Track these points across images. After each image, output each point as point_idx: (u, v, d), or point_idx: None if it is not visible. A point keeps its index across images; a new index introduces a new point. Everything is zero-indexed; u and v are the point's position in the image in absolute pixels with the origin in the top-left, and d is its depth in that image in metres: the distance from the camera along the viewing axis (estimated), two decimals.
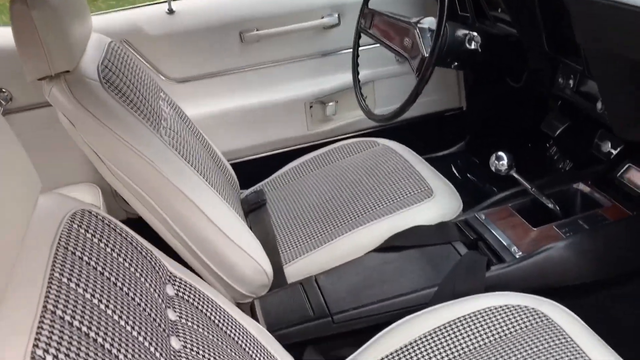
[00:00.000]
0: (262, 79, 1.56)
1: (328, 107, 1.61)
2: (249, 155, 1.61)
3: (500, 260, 1.05)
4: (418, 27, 1.14)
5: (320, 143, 1.61)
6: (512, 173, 1.13)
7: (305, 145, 1.63)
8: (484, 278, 1.00)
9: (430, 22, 1.14)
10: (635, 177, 1.14)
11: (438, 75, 1.66)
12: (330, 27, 1.56)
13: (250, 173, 1.48)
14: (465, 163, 1.76)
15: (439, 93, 1.74)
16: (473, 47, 1.19)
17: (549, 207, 1.14)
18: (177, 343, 0.60)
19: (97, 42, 1.05)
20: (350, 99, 1.60)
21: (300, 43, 1.56)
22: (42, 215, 0.58)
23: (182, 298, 0.69)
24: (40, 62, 0.85)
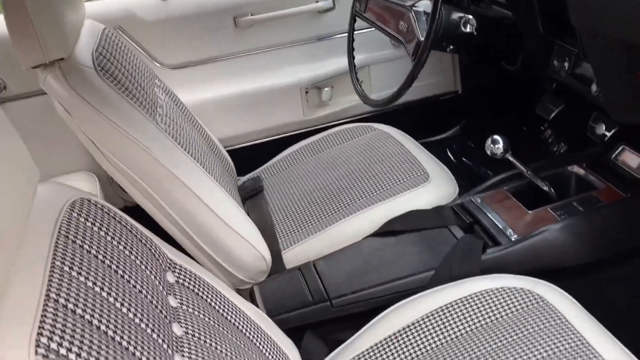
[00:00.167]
0: (257, 65, 1.55)
1: (324, 92, 1.60)
2: (245, 142, 1.60)
3: (496, 243, 1.06)
4: (413, 10, 1.14)
5: (317, 129, 1.61)
6: (507, 156, 1.14)
7: (302, 131, 1.63)
8: (480, 261, 1.01)
9: (426, 5, 1.14)
10: (629, 159, 1.14)
11: (433, 59, 1.66)
12: (325, 11, 1.55)
13: (247, 160, 1.48)
14: (461, 147, 1.77)
15: (434, 77, 1.74)
16: (468, 30, 1.19)
17: (544, 189, 1.15)
18: (178, 329, 0.61)
19: (90, 29, 1.04)
20: (346, 84, 1.60)
21: (295, 28, 1.55)
22: (41, 204, 0.58)
23: (182, 285, 0.69)
24: (34, 50, 0.85)
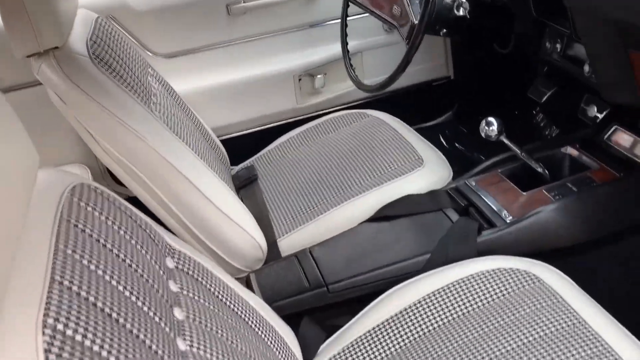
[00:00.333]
0: (249, 53, 1.54)
1: (317, 79, 1.60)
2: (238, 131, 1.60)
3: (492, 225, 1.06)
4: None
5: (310, 116, 1.61)
6: (501, 138, 1.14)
7: (295, 119, 1.62)
8: (476, 243, 1.02)
9: None
10: (622, 139, 1.15)
11: (425, 45, 1.65)
12: None
13: (240, 149, 1.47)
14: (454, 132, 1.77)
15: (427, 62, 1.74)
16: (461, 13, 1.19)
17: (538, 171, 1.15)
18: (179, 313, 0.61)
19: (84, 18, 1.03)
20: (339, 71, 1.59)
21: (287, 15, 1.54)
22: (42, 190, 0.59)
23: (181, 271, 0.69)
24: (29, 38, 0.84)
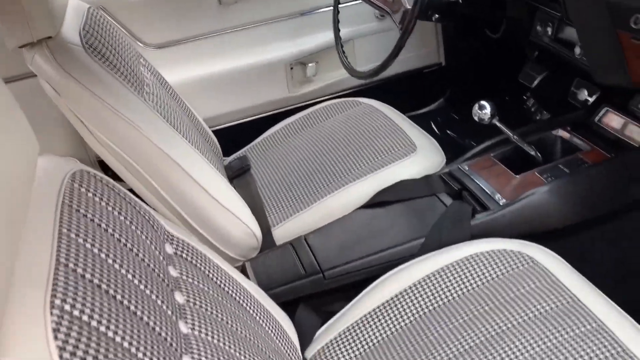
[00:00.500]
0: (240, 42, 1.53)
1: (308, 68, 1.59)
2: (230, 122, 1.59)
3: (485, 209, 1.07)
4: None
5: (302, 105, 1.61)
6: (494, 122, 1.15)
7: (287, 109, 1.62)
8: (470, 226, 1.02)
9: None
10: (613, 120, 1.16)
11: (417, 32, 1.64)
12: None
13: (232, 139, 1.47)
14: (445, 119, 1.78)
15: (418, 49, 1.74)
16: None
17: (531, 154, 1.16)
18: (180, 297, 0.62)
19: (75, 8, 1.02)
20: (331, 59, 1.59)
21: (279, 3, 1.53)
22: (43, 176, 0.59)
23: (180, 257, 0.70)
24: (22, 29, 0.83)
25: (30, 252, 0.49)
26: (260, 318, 0.78)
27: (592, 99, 1.28)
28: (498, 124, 1.16)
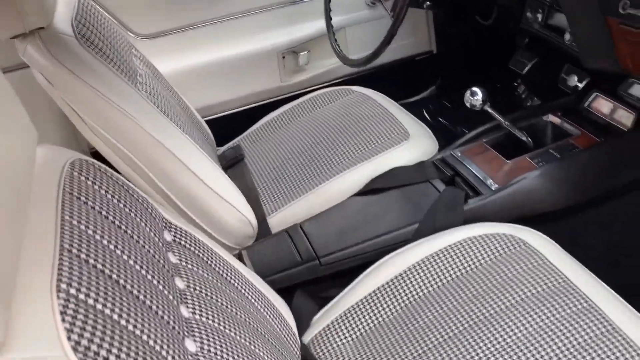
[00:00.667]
0: (232, 31, 1.53)
1: (300, 56, 1.59)
2: (223, 112, 1.59)
3: (478, 194, 1.08)
4: None
5: (295, 94, 1.61)
6: (486, 108, 1.16)
7: (280, 98, 1.62)
8: (463, 211, 1.04)
9: None
10: (602, 105, 1.18)
11: (408, 20, 1.65)
12: None
13: (225, 129, 1.47)
14: (437, 107, 1.78)
15: (409, 37, 1.74)
16: None
17: (522, 139, 1.18)
18: (181, 283, 0.63)
19: None
20: (322, 48, 1.59)
21: None
22: (43, 164, 0.60)
23: (179, 244, 0.70)
24: (14, 19, 0.83)
25: (35, 238, 0.50)
26: (259, 304, 0.79)
27: (581, 85, 1.30)
28: (489, 110, 1.17)
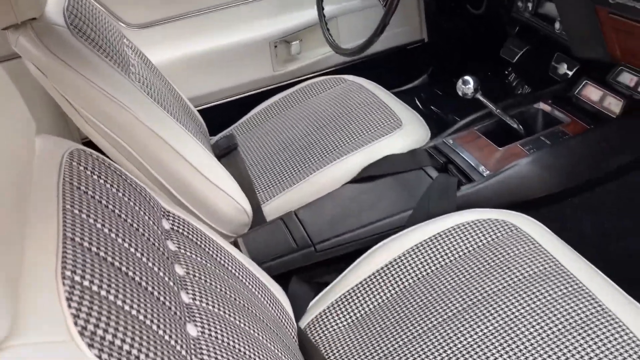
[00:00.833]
0: (224, 21, 1.53)
1: (293, 46, 1.60)
2: (215, 101, 1.59)
3: (470, 180, 1.10)
4: None
5: (287, 84, 1.61)
6: (478, 96, 1.17)
7: (272, 87, 1.62)
8: (456, 198, 1.05)
9: None
10: (592, 93, 1.19)
11: (400, 8, 1.64)
12: None
13: (218, 119, 1.47)
14: (429, 95, 1.80)
15: (401, 26, 1.75)
16: None
17: (513, 127, 1.19)
18: (180, 270, 0.64)
19: None
20: (314, 37, 1.60)
21: None
22: (42, 154, 0.60)
23: (177, 231, 0.71)
24: (6, 10, 0.82)
25: (38, 227, 0.50)
26: (256, 290, 0.80)
27: (571, 73, 1.32)
28: (481, 98, 1.18)
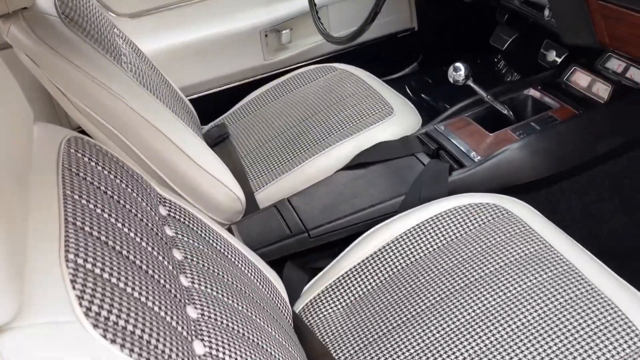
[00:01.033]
0: (214, 10, 1.52)
1: (283, 35, 1.60)
2: (205, 90, 1.59)
3: (461, 166, 1.11)
4: None
5: (278, 73, 1.61)
6: (469, 83, 1.18)
7: (263, 76, 1.62)
8: (447, 183, 1.07)
9: None
10: (580, 79, 1.21)
11: None
12: None
13: (209, 108, 1.47)
14: (419, 83, 1.80)
15: (391, 15, 1.75)
16: None
17: (503, 113, 1.21)
18: (178, 254, 0.64)
19: None
20: (305, 26, 1.60)
21: None
22: (40, 142, 0.61)
23: (174, 218, 0.72)
24: None
25: (40, 212, 0.51)
26: (252, 274, 0.81)
27: (560, 60, 1.33)
28: (472, 85, 1.19)
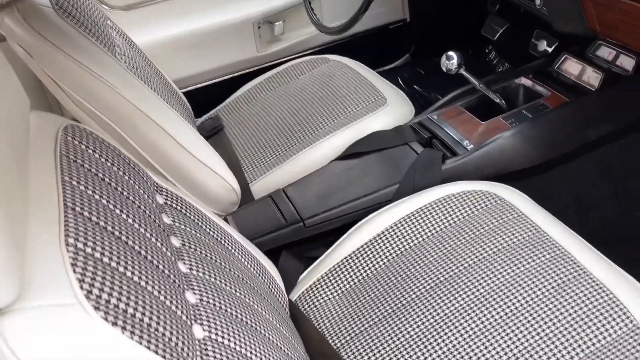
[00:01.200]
0: (206, 2, 1.52)
1: (276, 26, 1.60)
2: (199, 83, 1.59)
3: (454, 154, 1.12)
4: None
5: (271, 64, 1.61)
6: (461, 71, 1.19)
7: (256, 68, 1.62)
8: (440, 171, 1.08)
9: None
10: (571, 67, 1.22)
11: None
12: None
13: (202, 101, 1.47)
14: (411, 74, 1.81)
15: (383, 6, 1.75)
16: None
17: (496, 101, 1.22)
18: (176, 241, 0.65)
19: None
20: (298, 17, 1.60)
21: None
22: (37, 129, 0.61)
23: (170, 206, 0.72)
24: None
25: (39, 198, 0.51)
26: (249, 262, 0.81)
27: (551, 49, 1.34)
28: (465, 74, 1.20)
